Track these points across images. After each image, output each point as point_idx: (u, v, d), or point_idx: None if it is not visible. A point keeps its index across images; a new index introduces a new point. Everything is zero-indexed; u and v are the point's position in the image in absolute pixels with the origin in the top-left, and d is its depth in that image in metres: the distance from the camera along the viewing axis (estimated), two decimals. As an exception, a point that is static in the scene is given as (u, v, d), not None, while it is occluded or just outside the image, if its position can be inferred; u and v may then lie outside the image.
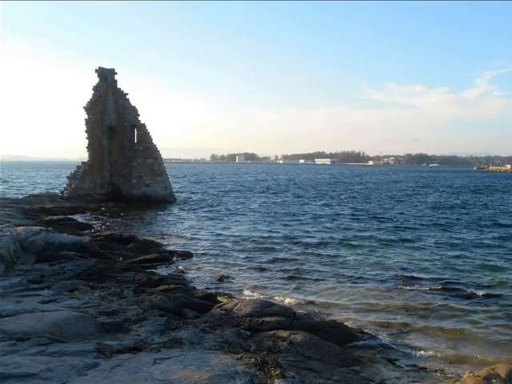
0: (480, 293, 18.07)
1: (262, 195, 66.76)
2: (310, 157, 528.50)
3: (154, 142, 51.43)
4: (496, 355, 12.38)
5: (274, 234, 31.08)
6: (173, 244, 27.41)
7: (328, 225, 36.23)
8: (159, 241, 27.59)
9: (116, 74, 51.62)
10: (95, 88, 50.36)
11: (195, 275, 20.30)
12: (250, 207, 48.85)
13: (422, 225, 37.09)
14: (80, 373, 7.75)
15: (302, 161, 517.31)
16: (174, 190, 58.43)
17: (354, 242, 28.51)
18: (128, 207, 45.09)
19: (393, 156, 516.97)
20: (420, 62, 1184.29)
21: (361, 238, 30.26)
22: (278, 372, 8.48)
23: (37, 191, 60.33)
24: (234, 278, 19.91)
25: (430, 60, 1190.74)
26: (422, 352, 12.45)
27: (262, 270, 21.52)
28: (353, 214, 43.27)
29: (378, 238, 30.34)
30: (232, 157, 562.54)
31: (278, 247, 26.81)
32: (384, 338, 13.32)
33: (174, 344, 10.01)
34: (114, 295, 14.16)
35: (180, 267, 21.39)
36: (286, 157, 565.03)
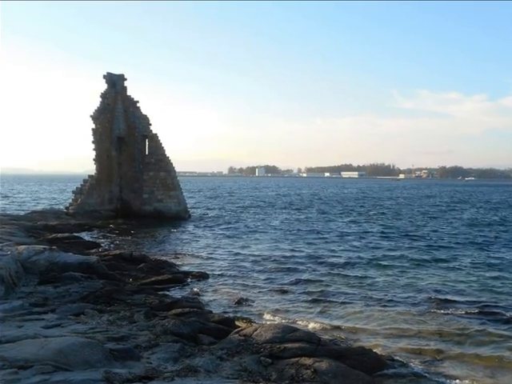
0: (521, 317, 17.93)
1: (284, 211, 66.80)
2: (336, 170, 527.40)
3: (167, 153, 51.57)
4: (538, 385, 12.27)
5: (296, 254, 31.05)
6: (187, 264, 27.45)
7: (355, 243, 36.12)
8: (172, 261, 27.63)
9: (125, 79, 51.80)
10: (103, 95, 50.41)
11: (211, 298, 20.29)
12: (270, 224, 48.88)
13: (458, 243, 36.92)
14: (87, 403, 7.76)
15: (327, 174, 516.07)
16: (189, 205, 58.61)
17: (383, 262, 28.41)
18: (139, 224, 45.20)
19: (425, 169, 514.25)
20: (455, 67, 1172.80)
21: (391, 257, 30.15)
22: (301, 403, 8.45)
23: (40, 207, 60.65)
24: (253, 301, 19.87)
25: (465, 65, 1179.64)
26: (457, 381, 12.35)
27: (284, 292, 21.46)
28: (382, 232, 43.18)
29: (410, 257, 30.21)
30: (251, 170, 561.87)
31: (301, 267, 26.75)
32: (416, 365, 13.22)
33: (189, 372, 10.00)
34: (124, 319, 14.18)
35: (195, 289, 21.39)
36: (309, 169, 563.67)
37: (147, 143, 51.49)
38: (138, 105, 51.44)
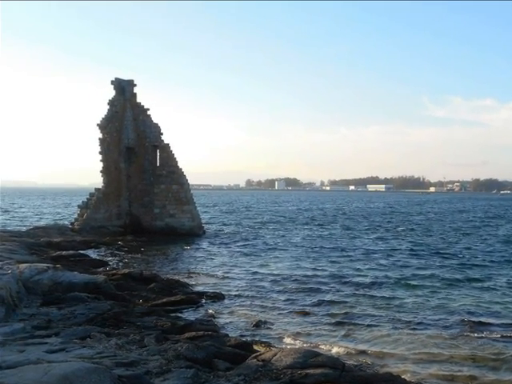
0: (562, 341, 17.80)
1: (306, 227, 66.74)
2: (362, 182, 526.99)
3: (180, 165, 51.57)
4: None
5: (319, 273, 31.00)
6: (201, 284, 27.48)
7: (382, 262, 36.05)
8: (185, 280, 27.65)
9: (135, 85, 51.77)
10: (111, 102, 50.27)
11: (228, 320, 20.28)
12: (291, 241, 48.87)
13: (492, 261, 36.75)
14: (93, 433, 7.75)
15: (352, 187, 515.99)
16: (203, 220, 58.72)
17: (412, 282, 28.30)
18: (149, 241, 45.16)
19: (458, 181, 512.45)
20: (490, 72, 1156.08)
21: (421, 276, 30.01)
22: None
23: (43, 222, 60.96)
24: (272, 324, 19.84)
25: (501, 70, 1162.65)
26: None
27: (306, 314, 21.43)
28: (411, 249, 43.02)
29: (441, 276, 30.05)
30: (270, 182, 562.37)
31: (324, 288, 26.70)
32: (448, 393, 13.16)
33: (203, 400, 9.99)
34: (133, 343, 14.17)
35: (210, 311, 21.39)
36: (333, 182, 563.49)
37: (158, 154, 51.38)
38: (148, 112, 51.35)
